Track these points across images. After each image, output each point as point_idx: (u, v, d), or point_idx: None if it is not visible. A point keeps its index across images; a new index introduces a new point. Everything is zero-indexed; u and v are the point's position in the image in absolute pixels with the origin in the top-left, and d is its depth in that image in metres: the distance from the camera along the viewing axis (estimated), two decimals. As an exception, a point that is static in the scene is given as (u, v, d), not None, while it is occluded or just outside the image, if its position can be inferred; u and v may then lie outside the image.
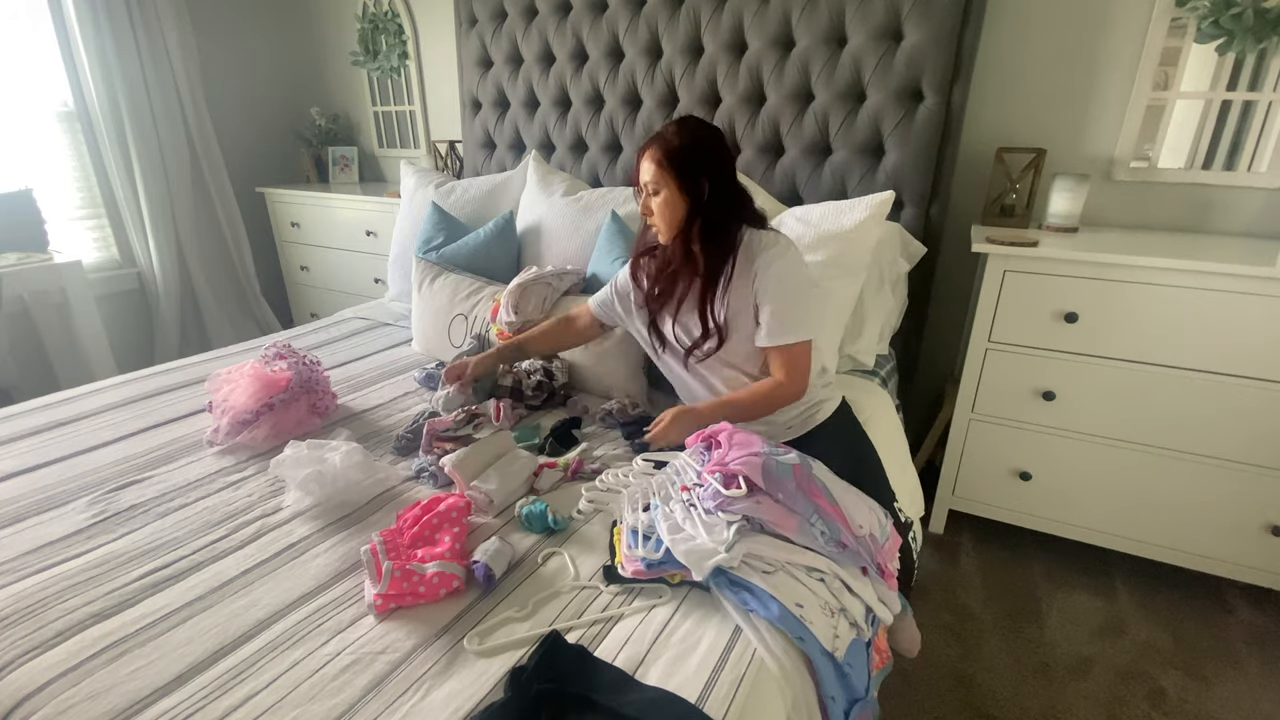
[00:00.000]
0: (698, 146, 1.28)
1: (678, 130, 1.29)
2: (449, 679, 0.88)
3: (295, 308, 3.61)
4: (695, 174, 1.27)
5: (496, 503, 1.25)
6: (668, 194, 1.28)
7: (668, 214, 1.30)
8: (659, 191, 1.29)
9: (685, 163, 1.27)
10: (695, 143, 1.28)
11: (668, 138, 1.28)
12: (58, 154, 2.83)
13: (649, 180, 1.30)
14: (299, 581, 1.07)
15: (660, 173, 1.28)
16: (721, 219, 1.31)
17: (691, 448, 1.22)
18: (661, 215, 1.31)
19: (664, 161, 1.27)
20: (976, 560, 1.95)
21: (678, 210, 1.29)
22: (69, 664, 0.90)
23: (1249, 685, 1.52)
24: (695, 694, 0.84)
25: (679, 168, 1.27)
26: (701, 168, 1.28)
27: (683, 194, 1.28)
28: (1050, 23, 1.88)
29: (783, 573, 1.01)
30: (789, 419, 1.40)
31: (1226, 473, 1.65)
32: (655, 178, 1.29)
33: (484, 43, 2.55)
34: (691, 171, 1.27)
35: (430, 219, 2.25)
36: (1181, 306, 1.58)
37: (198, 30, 3.06)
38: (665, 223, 1.32)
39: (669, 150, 1.27)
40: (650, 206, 1.32)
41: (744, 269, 1.32)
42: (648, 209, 1.33)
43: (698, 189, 1.28)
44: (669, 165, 1.27)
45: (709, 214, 1.30)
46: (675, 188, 1.28)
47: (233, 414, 1.48)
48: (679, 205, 1.29)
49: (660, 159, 1.27)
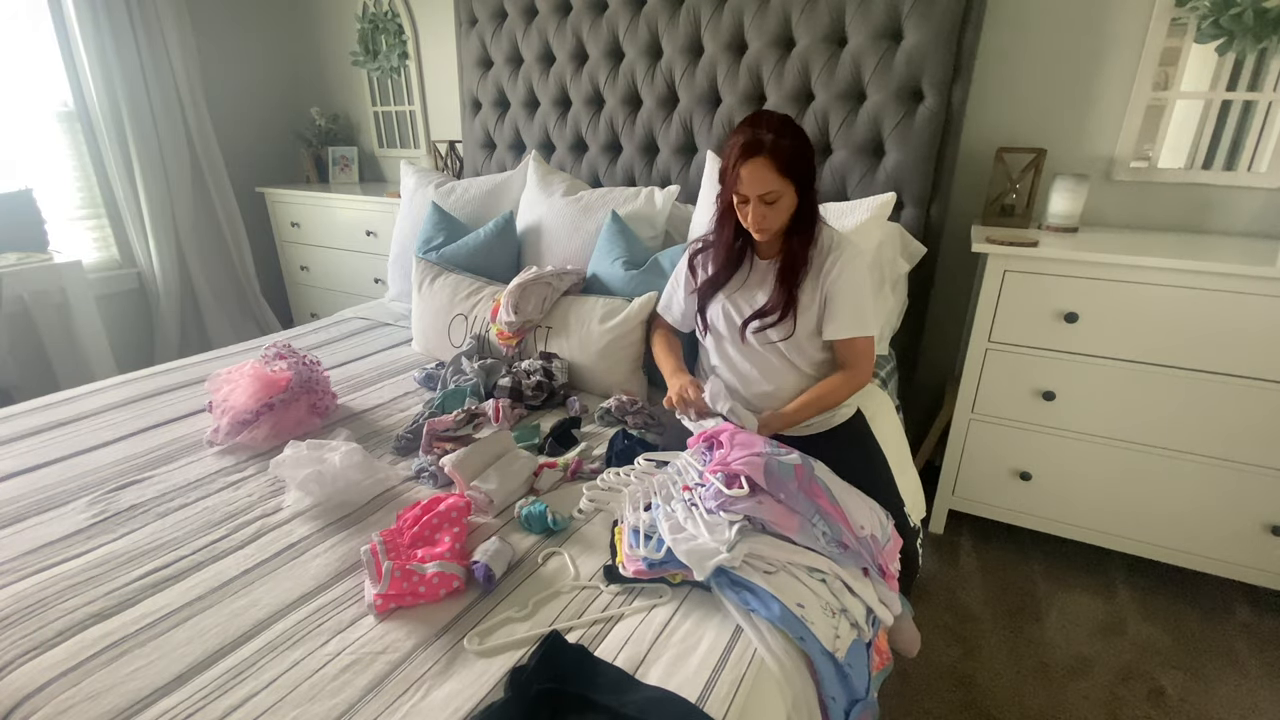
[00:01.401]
0: (806, 148, 1.27)
1: (782, 131, 1.23)
2: (449, 679, 0.88)
3: (295, 308, 3.61)
4: (809, 176, 1.28)
5: (496, 503, 1.25)
6: (787, 197, 1.26)
7: (784, 216, 1.29)
8: (778, 200, 1.25)
9: (800, 167, 1.26)
10: (804, 142, 1.27)
11: (780, 145, 1.22)
12: (58, 154, 2.83)
13: (767, 190, 1.24)
14: (299, 581, 1.07)
15: (782, 180, 1.23)
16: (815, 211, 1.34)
17: (693, 447, 1.22)
18: (778, 219, 1.29)
19: (786, 169, 1.23)
20: (976, 560, 1.95)
21: (793, 209, 1.29)
22: (69, 664, 0.90)
23: (1249, 685, 1.52)
24: (696, 694, 0.84)
25: (798, 174, 1.25)
26: (811, 169, 1.29)
27: (798, 196, 1.28)
28: (1050, 23, 1.88)
29: (784, 573, 1.01)
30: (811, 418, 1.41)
31: (1226, 473, 1.65)
32: (775, 186, 1.24)
33: (484, 43, 2.55)
34: (806, 174, 1.27)
35: (430, 219, 2.25)
36: (1181, 306, 1.58)
37: (198, 30, 3.06)
38: (775, 225, 1.29)
39: (787, 157, 1.23)
40: (763, 214, 1.27)
41: (815, 263, 1.34)
42: (760, 215, 1.27)
43: (811, 190, 1.29)
44: (789, 173, 1.24)
45: (809, 209, 1.31)
46: (794, 192, 1.27)
47: (233, 414, 1.48)
48: (793, 205, 1.29)
49: (782, 167, 1.23)
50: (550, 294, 1.81)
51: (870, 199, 1.73)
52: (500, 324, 1.81)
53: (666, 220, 2.01)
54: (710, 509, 1.05)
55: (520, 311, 1.77)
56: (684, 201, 2.12)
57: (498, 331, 1.83)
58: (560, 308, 1.81)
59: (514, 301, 1.77)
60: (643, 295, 1.70)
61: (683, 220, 2.06)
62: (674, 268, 1.62)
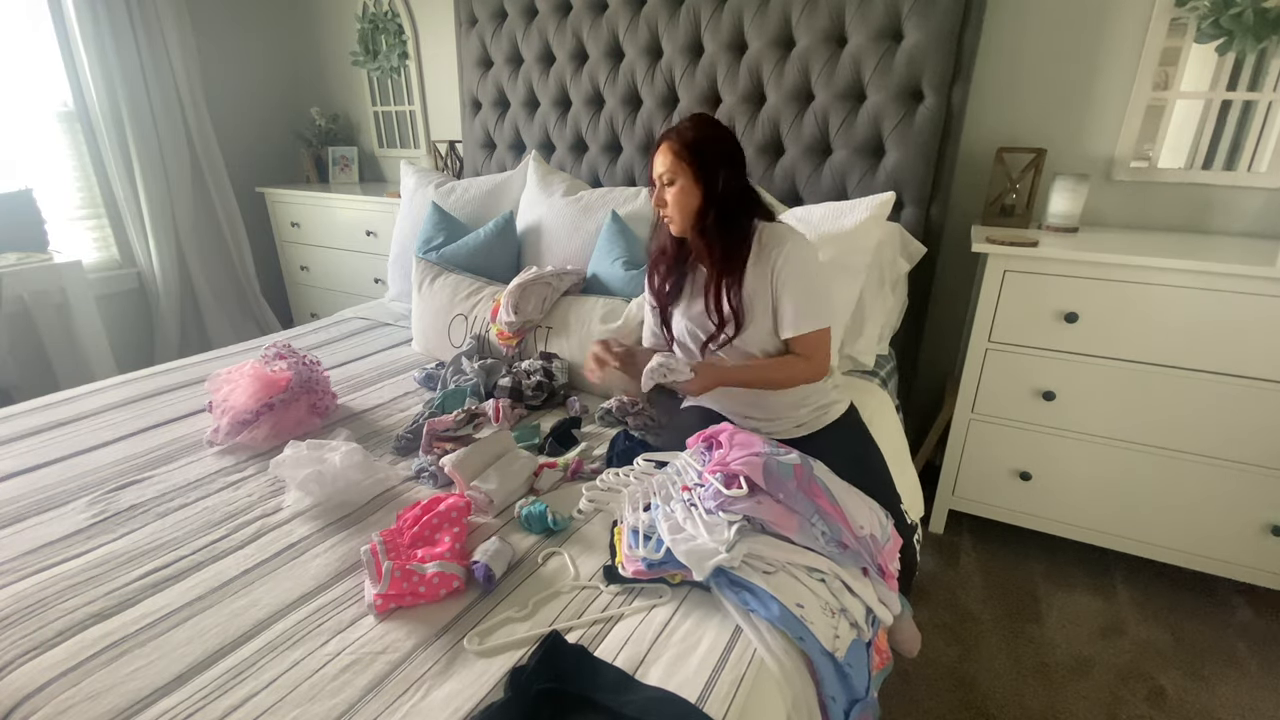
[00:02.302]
0: (714, 139, 1.30)
1: (693, 124, 1.31)
2: (449, 679, 0.88)
3: (295, 308, 3.61)
4: (711, 164, 1.29)
5: (496, 503, 1.25)
6: (684, 182, 1.29)
7: (683, 202, 1.31)
8: (674, 181, 1.30)
9: (701, 153, 1.29)
10: (712, 136, 1.30)
11: (684, 130, 1.30)
12: (58, 154, 2.83)
13: (664, 170, 1.31)
14: (299, 581, 1.07)
15: (677, 162, 1.29)
16: (734, 211, 1.33)
17: (692, 448, 1.22)
18: (676, 204, 1.32)
19: (681, 151, 1.29)
20: (976, 560, 1.95)
21: (692, 199, 1.30)
22: (69, 664, 0.90)
23: (1249, 685, 1.52)
24: (695, 694, 0.84)
25: (695, 157, 1.28)
26: (717, 159, 1.30)
27: (697, 183, 1.29)
28: (1050, 23, 1.88)
29: (783, 573, 1.01)
30: (801, 416, 1.41)
31: (1226, 473, 1.65)
32: (671, 167, 1.29)
33: (484, 43, 2.55)
34: (707, 162, 1.29)
35: (430, 219, 2.25)
36: (1181, 306, 1.58)
37: (198, 30, 3.06)
38: (680, 212, 1.32)
39: (686, 141, 1.29)
40: (664, 198, 1.33)
41: (759, 262, 1.33)
42: (662, 200, 1.34)
43: (713, 179, 1.30)
44: (686, 154, 1.28)
45: (723, 205, 1.31)
46: (691, 176, 1.29)
47: (233, 414, 1.48)
48: (694, 194, 1.30)
49: (677, 149, 1.29)
50: (550, 294, 1.81)
51: (870, 198, 1.73)
52: (500, 324, 1.81)
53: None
54: (709, 509, 1.05)
55: (520, 311, 1.77)
56: (684, 201, 2.12)
57: (498, 331, 1.83)
58: (560, 308, 1.81)
59: (514, 301, 1.77)
60: (643, 295, 1.70)
61: (683, 220, 2.06)
62: None
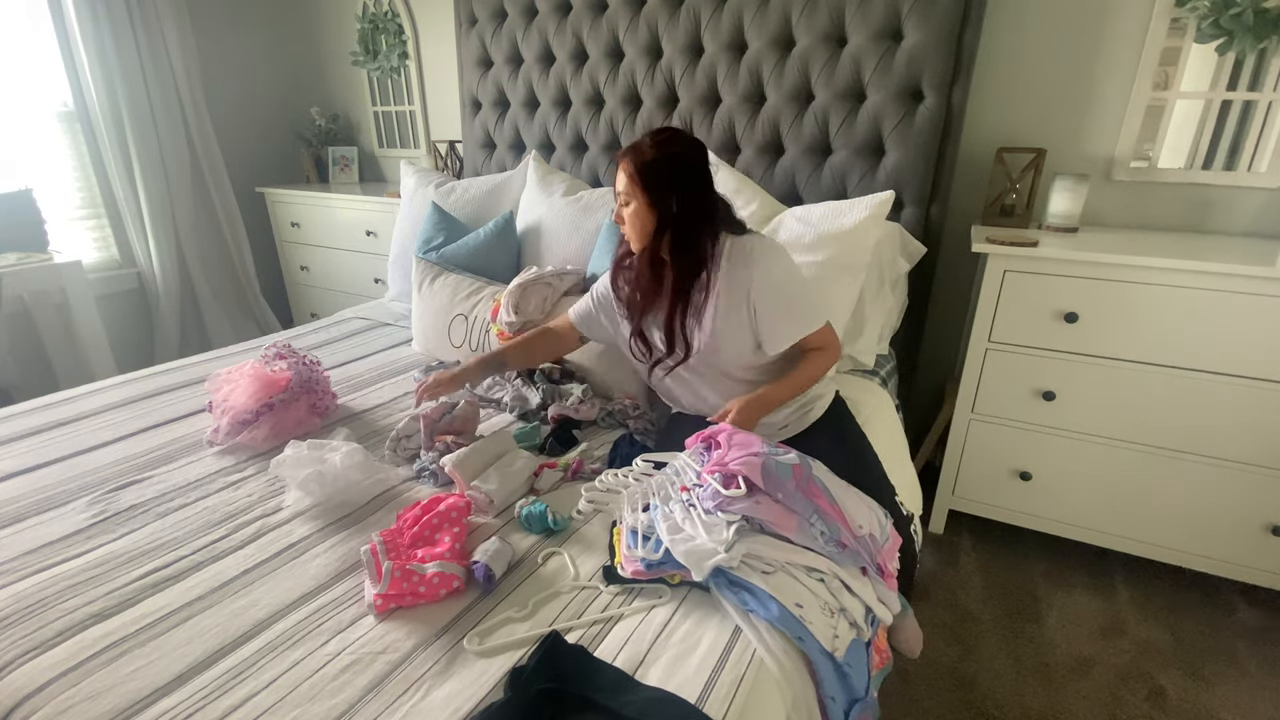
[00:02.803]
0: (670, 161, 1.26)
1: (652, 143, 1.28)
2: (449, 679, 0.88)
3: (295, 308, 3.61)
4: (664, 189, 1.26)
5: (496, 503, 1.25)
6: (637, 205, 1.28)
7: (637, 224, 1.30)
8: (629, 203, 1.29)
9: (655, 177, 1.26)
10: (667, 158, 1.26)
11: (641, 150, 1.27)
12: (58, 154, 2.83)
13: (621, 190, 1.30)
14: (299, 581, 1.07)
15: (630, 185, 1.27)
16: (692, 232, 1.29)
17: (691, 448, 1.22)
18: (631, 225, 1.31)
19: (634, 175, 1.27)
20: (976, 560, 1.95)
21: (647, 223, 1.29)
22: (69, 664, 0.90)
23: (1249, 685, 1.52)
24: (695, 694, 0.84)
25: (648, 181, 1.26)
26: (672, 183, 1.26)
27: (651, 207, 1.27)
28: (1050, 23, 1.88)
29: (782, 573, 1.01)
30: (783, 418, 1.40)
31: (1226, 473, 1.65)
32: (626, 189, 1.28)
33: (484, 43, 2.55)
34: (660, 186, 1.26)
35: (430, 219, 2.25)
36: (1181, 306, 1.58)
37: (198, 30, 3.06)
38: (635, 233, 1.31)
39: (640, 164, 1.26)
40: (622, 215, 1.32)
41: (730, 280, 1.31)
42: (620, 217, 1.33)
43: (666, 204, 1.27)
44: (639, 178, 1.26)
45: (678, 227, 1.28)
46: (645, 200, 1.27)
47: (233, 414, 1.48)
48: (648, 217, 1.28)
49: (631, 172, 1.27)
50: (551, 294, 1.81)
51: (869, 198, 1.73)
52: (500, 324, 1.81)
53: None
54: (708, 509, 1.05)
55: (521, 311, 1.77)
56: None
57: (498, 331, 1.83)
58: (561, 308, 1.81)
59: (514, 302, 1.77)
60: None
61: (683, 220, 2.05)
62: None
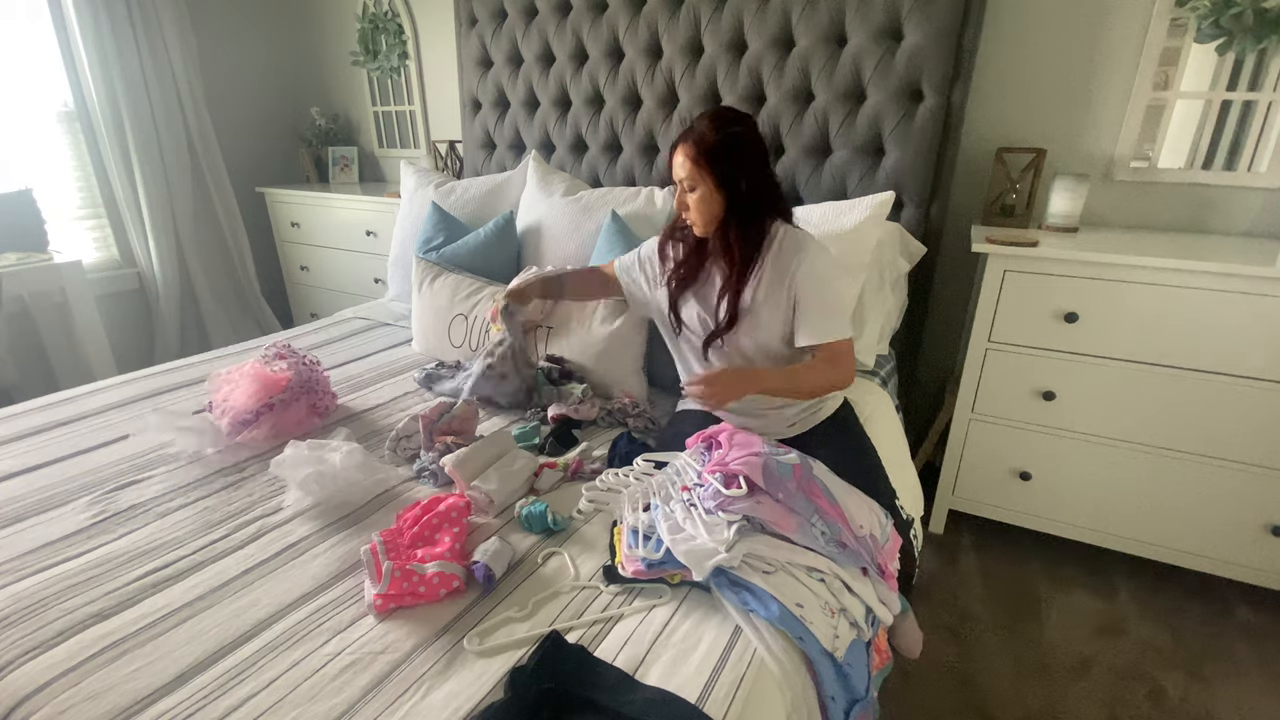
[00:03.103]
0: (733, 140, 1.25)
1: (711, 124, 1.26)
2: (449, 679, 0.88)
3: (295, 308, 3.61)
4: (731, 169, 1.25)
5: (496, 503, 1.25)
6: (704, 190, 1.26)
7: (705, 210, 1.28)
8: (695, 188, 1.27)
9: (721, 158, 1.24)
10: (730, 137, 1.25)
11: (702, 132, 1.25)
12: (58, 154, 2.83)
13: (684, 177, 1.27)
14: (299, 581, 1.07)
15: (696, 170, 1.25)
16: (756, 212, 1.30)
17: (692, 448, 1.22)
18: (698, 211, 1.29)
19: (700, 158, 1.24)
20: (976, 560, 1.95)
21: (715, 206, 1.28)
22: (69, 664, 0.90)
23: (1249, 685, 1.52)
24: (695, 694, 0.84)
25: (715, 164, 1.24)
26: (737, 162, 1.25)
27: (719, 189, 1.26)
28: (1050, 23, 1.88)
29: (783, 573, 1.01)
30: (792, 415, 1.41)
31: (1226, 473, 1.65)
32: (691, 174, 1.26)
33: (484, 43, 2.55)
34: (727, 167, 1.25)
35: (430, 219, 2.25)
36: (1182, 306, 1.58)
37: (198, 30, 3.05)
38: (702, 218, 1.29)
39: (705, 146, 1.24)
40: (686, 202, 1.29)
41: (777, 266, 1.31)
42: (683, 204, 1.30)
43: (735, 184, 1.26)
44: (705, 162, 1.24)
45: (744, 208, 1.28)
46: (711, 184, 1.26)
47: (233, 414, 1.48)
48: (716, 201, 1.27)
49: (695, 155, 1.24)
50: (550, 294, 1.81)
51: (869, 198, 1.73)
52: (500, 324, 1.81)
53: (667, 220, 2.00)
54: (709, 509, 1.05)
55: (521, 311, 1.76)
56: (684, 201, 2.12)
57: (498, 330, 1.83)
58: (561, 308, 1.81)
59: (514, 301, 1.77)
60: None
61: (683, 220, 2.06)
62: None
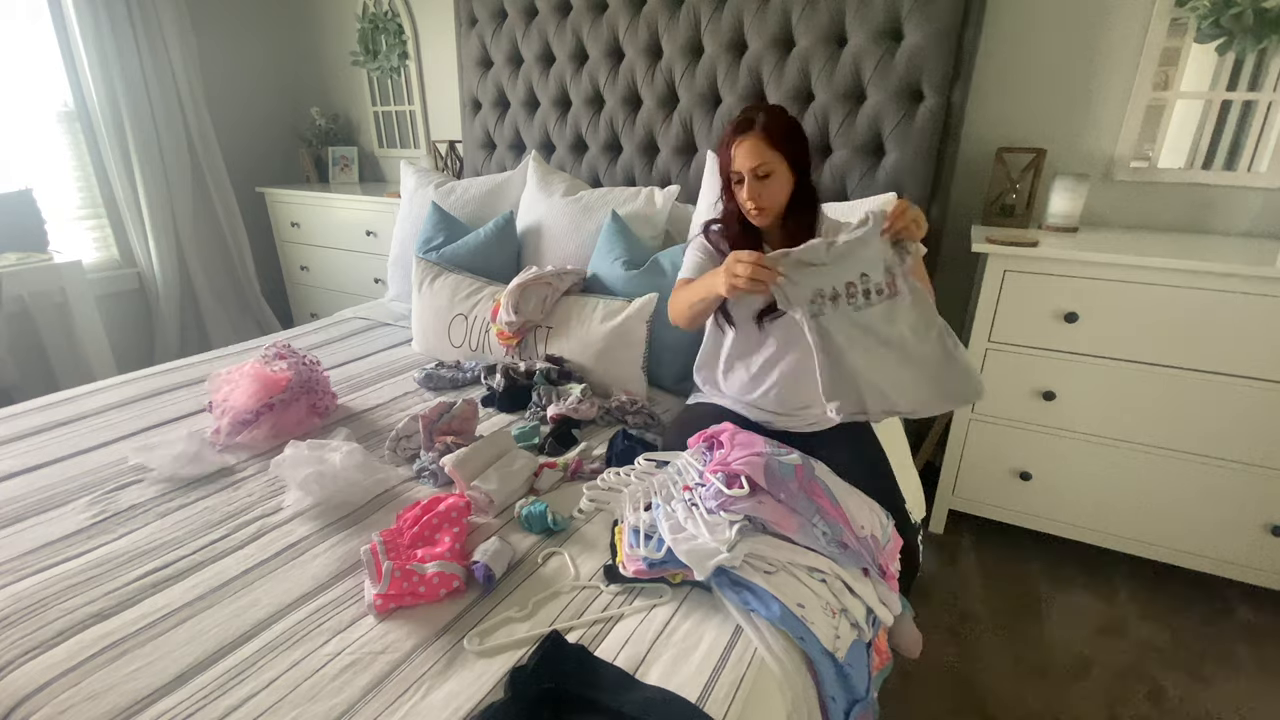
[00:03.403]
0: (797, 125, 1.31)
1: (772, 113, 1.29)
2: (449, 679, 0.88)
3: (295, 308, 3.61)
4: (804, 151, 1.31)
5: (496, 503, 1.25)
6: (779, 172, 1.28)
7: (778, 194, 1.31)
8: (769, 174, 1.28)
9: (794, 141, 1.29)
10: (790, 119, 1.30)
11: (771, 120, 1.28)
12: (58, 154, 2.83)
13: (758, 164, 1.27)
14: (299, 581, 1.07)
15: (773, 153, 1.27)
16: (814, 195, 1.37)
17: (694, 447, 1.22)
18: (772, 196, 1.30)
19: (778, 142, 1.27)
20: (976, 560, 1.95)
21: (787, 188, 1.31)
22: (69, 664, 0.90)
23: (1249, 685, 1.52)
24: (696, 694, 0.84)
25: (790, 146, 1.28)
26: (806, 145, 1.32)
27: (793, 171, 1.30)
28: (1050, 23, 1.88)
29: (784, 573, 1.01)
30: (812, 414, 1.40)
31: (1226, 473, 1.65)
32: (768, 159, 1.27)
33: (484, 43, 2.55)
34: (797, 146, 1.30)
35: (430, 219, 2.25)
36: (1182, 306, 1.58)
37: (198, 30, 3.05)
38: (774, 203, 1.31)
39: (780, 130, 1.27)
40: (758, 192, 1.29)
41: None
42: (755, 193, 1.29)
43: (804, 161, 1.31)
44: (783, 145, 1.27)
45: (807, 190, 1.34)
46: (787, 165, 1.29)
47: (233, 414, 1.48)
48: (788, 183, 1.31)
49: (772, 140, 1.27)
50: (551, 294, 1.81)
51: (869, 198, 1.73)
52: (500, 324, 1.81)
53: (667, 220, 2.01)
54: (710, 509, 1.05)
55: (521, 311, 1.77)
56: (684, 201, 2.12)
57: (498, 331, 1.83)
58: (561, 308, 1.81)
59: (514, 301, 1.77)
60: (643, 295, 1.70)
61: (683, 220, 2.05)
62: (674, 268, 1.61)
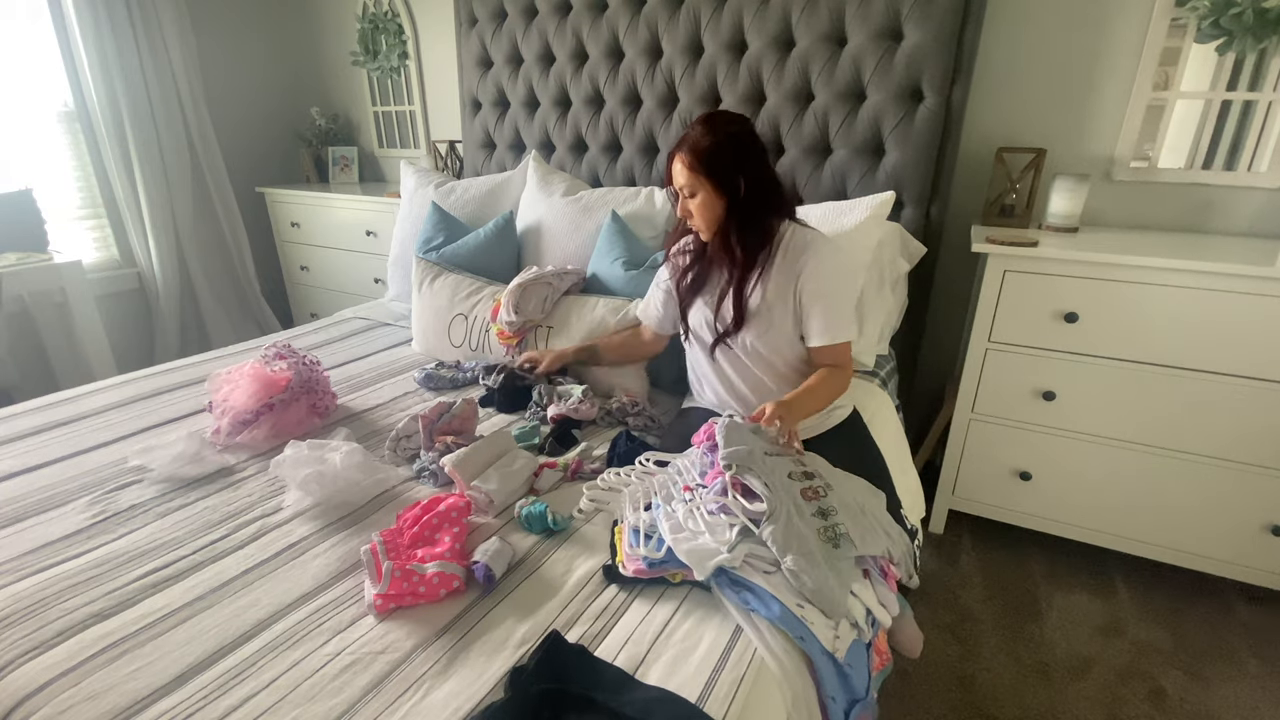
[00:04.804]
0: (728, 143, 1.25)
1: (706, 129, 1.26)
2: (449, 679, 0.88)
3: (295, 308, 3.61)
4: (729, 172, 1.25)
5: (496, 503, 1.25)
6: (704, 195, 1.27)
7: (707, 214, 1.28)
8: (695, 194, 1.27)
9: (717, 162, 1.24)
10: (726, 139, 1.25)
11: (696, 138, 1.25)
12: (58, 154, 2.83)
13: (684, 184, 1.27)
14: (299, 581, 1.07)
15: (693, 176, 1.25)
16: (760, 212, 1.29)
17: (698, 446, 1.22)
18: (701, 216, 1.29)
19: (696, 164, 1.25)
20: (976, 560, 1.95)
21: (716, 209, 1.28)
22: (69, 664, 0.90)
23: (1249, 685, 1.52)
24: (695, 694, 0.84)
25: (711, 168, 1.25)
26: (734, 164, 1.25)
27: (719, 194, 1.26)
28: (1050, 23, 1.88)
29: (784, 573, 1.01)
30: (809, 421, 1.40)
31: (1226, 473, 1.65)
32: (689, 181, 1.26)
33: (484, 43, 2.55)
34: (725, 170, 1.25)
35: (430, 219, 2.25)
36: (1181, 306, 1.58)
37: (198, 30, 3.06)
38: (705, 222, 1.30)
39: (699, 151, 1.24)
40: (689, 209, 1.30)
41: (785, 266, 1.31)
42: (686, 211, 1.30)
43: (734, 186, 1.26)
44: (701, 167, 1.25)
45: (746, 209, 1.28)
46: (710, 188, 1.26)
47: (233, 414, 1.48)
48: (717, 204, 1.27)
49: (691, 162, 1.25)
50: (551, 294, 1.81)
51: (869, 198, 1.73)
52: (501, 324, 1.81)
53: (666, 220, 2.00)
54: (711, 509, 1.05)
55: (521, 311, 1.77)
56: (684, 201, 2.12)
57: (498, 331, 1.83)
58: (561, 308, 1.81)
59: (514, 301, 1.77)
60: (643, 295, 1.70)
61: (683, 220, 2.06)
62: None
